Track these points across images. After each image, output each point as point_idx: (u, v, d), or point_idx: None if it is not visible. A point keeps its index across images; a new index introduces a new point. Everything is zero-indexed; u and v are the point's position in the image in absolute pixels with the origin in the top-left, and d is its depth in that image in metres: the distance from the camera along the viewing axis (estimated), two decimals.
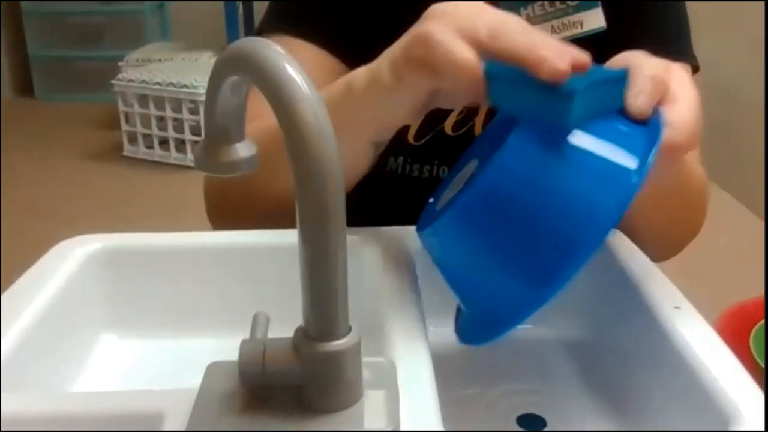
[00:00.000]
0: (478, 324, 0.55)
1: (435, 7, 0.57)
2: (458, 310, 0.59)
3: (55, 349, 0.59)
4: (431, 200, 0.62)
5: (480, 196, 0.50)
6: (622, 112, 0.53)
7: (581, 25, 0.73)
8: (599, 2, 0.73)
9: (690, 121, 0.54)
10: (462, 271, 0.55)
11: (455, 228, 0.52)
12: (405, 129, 0.79)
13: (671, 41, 0.80)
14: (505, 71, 0.52)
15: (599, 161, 0.50)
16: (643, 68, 0.55)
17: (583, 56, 0.50)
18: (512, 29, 0.53)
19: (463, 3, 0.57)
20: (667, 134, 0.52)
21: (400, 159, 0.81)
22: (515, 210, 0.50)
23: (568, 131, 0.50)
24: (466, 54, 0.53)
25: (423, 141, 0.80)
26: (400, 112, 0.60)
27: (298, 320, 0.43)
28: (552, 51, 0.49)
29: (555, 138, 0.50)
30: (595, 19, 0.73)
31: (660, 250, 0.71)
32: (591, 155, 0.50)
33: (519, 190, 0.50)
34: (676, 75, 0.56)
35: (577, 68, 0.49)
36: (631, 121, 0.53)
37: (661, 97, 0.54)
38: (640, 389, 0.58)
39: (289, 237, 0.66)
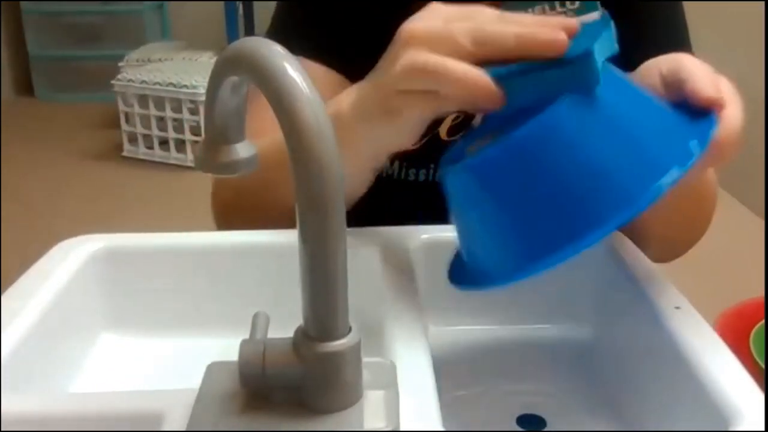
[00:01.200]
0: (470, 271, 0.54)
1: (402, 30, 0.55)
2: (456, 254, 0.58)
3: (55, 349, 0.59)
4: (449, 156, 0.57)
5: (528, 141, 0.48)
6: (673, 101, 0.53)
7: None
8: (599, 5, 0.73)
9: (739, 125, 0.53)
10: (484, 213, 0.52)
11: (501, 164, 0.49)
12: None
13: (671, 40, 0.80)
14: (507, 69, 0.51)
15: (653, 144, 0.50)
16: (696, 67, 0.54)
17: (568, 21, 0.51)
18: (491, 28, 0.52)
19: (424, 16, 0.55)
20: (718, 132, 0.51)
21: (396, 163, 0.81)
22: (551, 165, 0.48)
23: (597, 89, 0.49)
24: (474, 72, 0.51)
25: (418, 145, 0.80)
26: (399, 140, 0.59)
27: (298, 320, 0.43)
28: (541, 29, 0.50)
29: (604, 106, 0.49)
30: None
31: (663, 253, 0.71)
32: (644, 135, 0.50)
33: (563, 145, 0.48)
34: (725, 82, 0.55)
35: (569, 33, 0.50)
36: (682, 112, 0.52)
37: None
38: (640, 389, 0.58)
39: (289, 237, 0.66)
